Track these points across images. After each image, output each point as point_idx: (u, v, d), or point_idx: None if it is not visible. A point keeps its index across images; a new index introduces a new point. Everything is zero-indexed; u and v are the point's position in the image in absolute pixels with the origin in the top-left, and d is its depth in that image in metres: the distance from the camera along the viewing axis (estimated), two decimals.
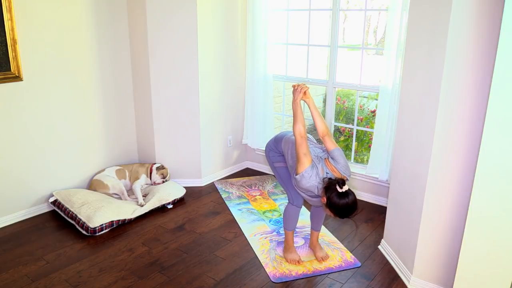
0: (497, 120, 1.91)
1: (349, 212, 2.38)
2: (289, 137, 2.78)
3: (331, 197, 2.36)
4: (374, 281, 2.73)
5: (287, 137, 2.79)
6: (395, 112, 3.47)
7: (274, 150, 2.87)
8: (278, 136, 2.90)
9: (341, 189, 2.35)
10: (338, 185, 2.36)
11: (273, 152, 2.87)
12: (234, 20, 4.20)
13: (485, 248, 2.08)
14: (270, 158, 2.89)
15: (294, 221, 2.87)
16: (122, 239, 3.19)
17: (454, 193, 2.36)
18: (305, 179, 2.45)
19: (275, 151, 2.86)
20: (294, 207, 2.82)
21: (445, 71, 2.23)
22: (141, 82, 4.01)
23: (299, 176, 2.47)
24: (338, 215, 2.40)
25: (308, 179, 2.45)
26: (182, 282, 2.69)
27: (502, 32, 1.82)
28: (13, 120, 3.27)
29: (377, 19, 6.91)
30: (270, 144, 2.92)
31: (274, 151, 2.87)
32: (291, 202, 2.82)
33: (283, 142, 2.80)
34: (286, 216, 2.88)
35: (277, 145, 2.85)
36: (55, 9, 3.35)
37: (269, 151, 2.90)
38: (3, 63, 3.12)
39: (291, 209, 2.84)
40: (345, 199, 2.35)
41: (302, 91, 2.59)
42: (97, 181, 3.74)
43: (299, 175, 2.47)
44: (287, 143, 2.74)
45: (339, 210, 2.37)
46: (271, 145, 2.91)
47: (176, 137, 4.09)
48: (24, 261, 2.89)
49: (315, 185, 2.46)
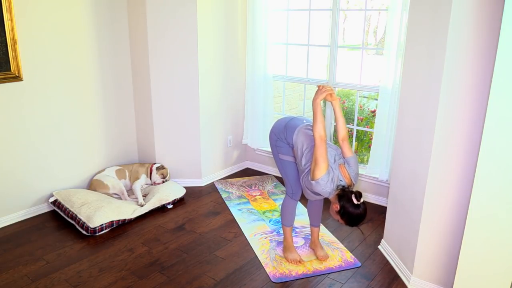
0: (497, 120, 1.91)
1: (360, 221, 2.40)
2: (303, 129, 2.62)
3: (345, 206, 2.37)
4: (374, 281, 2.73)
5: (300, 128, 2.63)
6: (395, 112, 3.47)
7: (281, 140, 2.69)
8: (289, 123, 2.69)
9: (357, 202, 2.36)
10: (355, 197, 2.37)
11: (280, 142, 2.70)
12: (234, 20, 4.20)
13: (485, 248, 2.08)
14: (276, 148, 2.72)
15: (292, 215, 2.86)
16: (122, 239, 3.19)
17: (454, 193, 2.36)
18: (320, 186, 2.41)
19: (283, 140, 2.68)
20: (292, 200, 2.82)
21: (445, 71, 2.23)
22: (141, 82, 4.01)
23: (315, 182, 2.41)
24: (349, 225, 2.42)
25: (323, 186, 2.41)
26: (182, 282, 2.69)
27: (502, 32, 1.82)
28: (13, 120, 3.27)
29: (377, 19, 6.91)
30: (277, 131, 2.72)
31: (282, 140, 2.69)
32: (290, 196, 2.81)
33: (296, 133, 2.62)
34: (283, 209, 2.87)
35: (287, 134, 2.65)
36: (55, 9, 3.35)
37: (276, 139, 2.72)
38: (3, 63, 3.12)
39: (289, 202, 2.83)
40: (359, 209, 2.37)
41: (327, 92, 2.50)
42: (97, 181, 3.74)
43: (315, 181, 2.41)
44: (301, 135, 2.59)
45: (352, 220, 2.39)
46: (278, 132, 2.71)
47: (176, 137, 4.09)
48: (24, 261, 2.89)
49: (328, 192, 2.44)
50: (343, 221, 2.43)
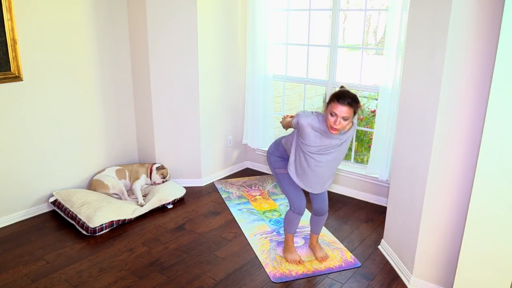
0: (497, 120, 1.91)
1: (345, 93, 2.38)
2: (288, 135, 2.78)
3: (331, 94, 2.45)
4: (374, 281, 2.73)
5: (286, 136, 2.80)
6: (395, 112, 3.47)
7: (274, 154, 2.84)
8: (277, 139, 2.90)
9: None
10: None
11: (274, 157, 2.84)
12: (234, 20, 4.20)
13: (485, 248, 2.08)
14: (272, 164, 2.85)
15: (294, 226, 2.86)
16: (122, 239, 3.19)
17: (454, 193, 2.36)
18: (301, 117, 2.47)
19: (276, 154, 2.83)
20: (295, 214, 2.81)
21: (445, 71, 2.23)
22: (141, 82, 4.01)
23: (295, 119, 2.50)
24: (335, 97, 2.38)
25: (305, 115, 2.47)
26: (182, 282, 2.69)
27: (502, 32, 1.82)
28: (13, 120, 3.27)
29: (377, 19, 6.91)
30: (271, 148, 2.89)
31: (274, 154, 2.84)
32: (293, 210, 2.80)
33: (284, 140, 2.79)
34: (286, 221, 2.87)
35: (278, 147, 2.83)
36: (55, 9, 3.35)
37: (270, 155, 2.87)
38: (3, 63, 3.12)
39: (292, 216, 2.82)
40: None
41: None
42: (97, 181, 3.74)
43: (294, 118, 2.50)
44: (288, 139, 2.73)
45: (336, 93, 2.40)
46: (272, 148, 2.88)
47: (176, 137, 4.09)
48: (24, 261, 2.89)
49: (315, 117, 2.46)
50: (330, 103, 2.39)
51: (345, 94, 2.36)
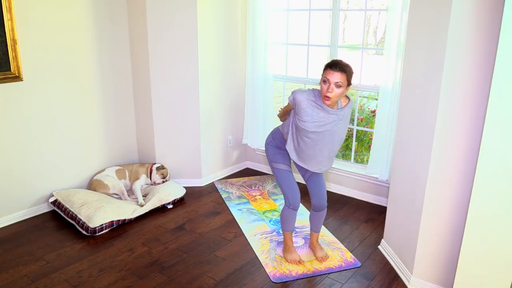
0: (497, 120, 1.91)
1: (338, 61, 2.42)
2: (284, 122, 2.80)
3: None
4: (374, 281, 2.73)
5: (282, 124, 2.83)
6: (395, 112, 3.47)
7: (271, 144, 2.83)
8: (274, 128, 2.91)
9: None
10: None
11: (272, 148, 2.83)
12: (234, 20, 4.20)
13: (485, 248, 2.08)
14: (269, 157, 2.85)
15: (291, 223, 2.86)
16: (122, 239, 3.19)
17: (454, 193, 2.36)
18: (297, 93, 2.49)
19: (273, 144, 2.82)
20: (290, 210, 2.80)
21: (445, 71, 2.23)
22: (141, 82, 4.01)
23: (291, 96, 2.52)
24: (327, 65, 2.42)
25: (301, 91, 2.50)
26: (182, 282, 2.69)
27: (502, 32, 1.82)
28: (13, 120, 3.27)
29: (377, 19, 6.91)
30: (268, 138, 2.88)
31: (271, 144, 2.83)
32: (288, 205, 2.80)
33: (281, 126, 2.81)
34: (283, 218, 2.87)
35: (275, 134, 2.83)
36: (55, 9, 3.35)
37: (268, 147, 2.86)
38: (3, 63, 3.12)
39: (288, 212, 2.82)
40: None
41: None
42: (97, 181, 3.74)
43: (290, 96, 2.52)
44: (284, 124, 2.76)
45: (328, 62, 2.44)
46: (269, 138, 2.87)
47: (176, 137, 4.09)
48: (24, 261, 2.89)
49: (310, 92, 2.49)
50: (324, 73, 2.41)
51: (338, 62, 2.42)
